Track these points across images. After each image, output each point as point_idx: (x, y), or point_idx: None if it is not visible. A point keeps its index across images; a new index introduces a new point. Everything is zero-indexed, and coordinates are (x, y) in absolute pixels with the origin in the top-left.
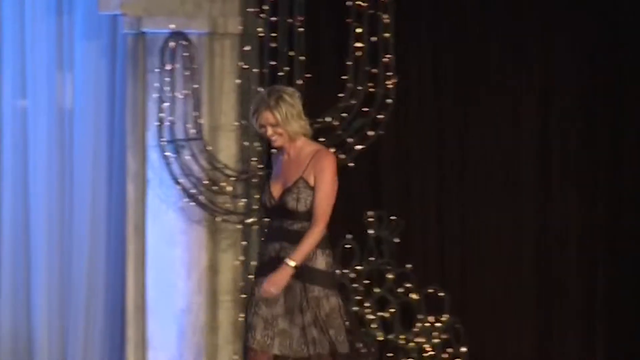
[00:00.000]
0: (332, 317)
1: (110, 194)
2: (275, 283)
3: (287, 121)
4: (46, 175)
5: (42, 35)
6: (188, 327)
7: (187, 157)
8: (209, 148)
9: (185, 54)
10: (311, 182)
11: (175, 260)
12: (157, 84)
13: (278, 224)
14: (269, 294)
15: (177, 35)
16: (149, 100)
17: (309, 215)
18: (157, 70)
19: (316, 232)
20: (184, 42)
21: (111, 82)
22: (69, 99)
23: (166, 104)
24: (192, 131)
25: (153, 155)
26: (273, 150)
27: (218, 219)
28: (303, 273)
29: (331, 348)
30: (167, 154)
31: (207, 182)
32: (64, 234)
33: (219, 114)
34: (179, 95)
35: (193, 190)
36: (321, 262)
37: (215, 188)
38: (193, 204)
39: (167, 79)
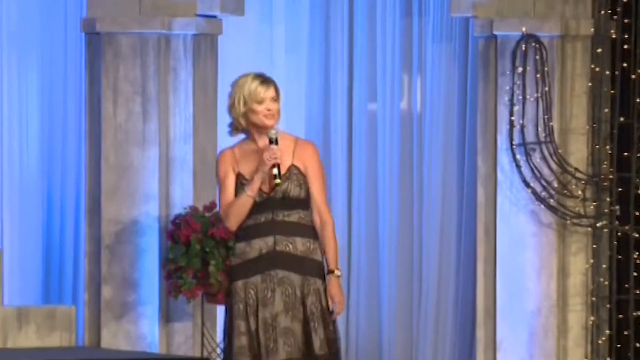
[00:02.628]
0: (329, 312)
1: (461, 196)
2: (339, 298)
3: (279, 103)
4: (396, 178)
5: (393, 38)
6: (538, 330)
7: (537, 160)
8: (560, 151)
9: (536, 56)
10: (302, 169)
11: (525, 263)
12: (508, 87)
13: (268, 218)
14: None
15: (528, 37)
16: (499, 103)
17: (305, 203)
18: (508, 73)
19: (332, 225)
20: (536, 45)
21: (462, 85)
22: (418, 102)
23: (517, 107)
24: (543, 134)
25: (503, 159)
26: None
27: (568, 222)
28: (302, 265)
29: (330, 345)
30: (517, 157)
31: (557, 185)
32: (413, 237)
33: (569, 117)
34: (529, 98)
35: (543, 194)
36: (318, 254)
37: (565, 191)
38: (543, 207)
39: (518, 82)
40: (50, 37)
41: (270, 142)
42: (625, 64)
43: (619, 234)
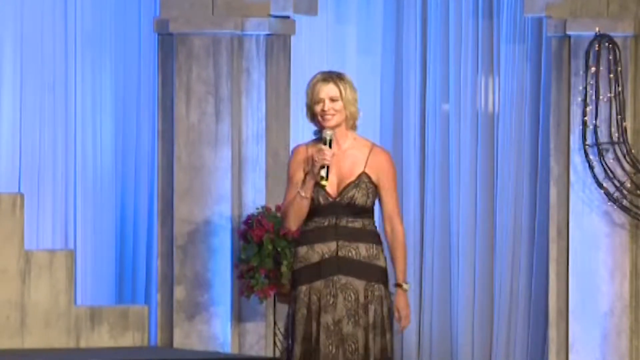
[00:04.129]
0: (390, 319)
1: (533, 196)
2: (406, 312)
3: (349, 101)
4: (468, 178)
5: (467, 39)
6: (611, 331)
7: (610, 160)
8: (633, 152)
9: (610, 56)
10: (373, 178)
11: (598, 263)
12: (581, 87)
13: (331, 222)
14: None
15: (602, 37)
16: (572, 103)
17: (369, 212)
18: (581, 73)
19: (404, 236)
20: (609, 45)
21: (535, 85)
22: (493, 103)
23: (590, 107)
24: (616, 134)
25: (576, 159)
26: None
27: None
28: (365, 270)
29: (383, 354)
30: (590, 157)
31: (630, 185)
32: (486, 236)
33: None
34: (603, 98)
35: (616, 194)
36: (382, 260)
37: (638, 192)
38: (616, 207)
39: (592, 82)
40: (124, 38)
41: (324, 142)
42: None
43: None
